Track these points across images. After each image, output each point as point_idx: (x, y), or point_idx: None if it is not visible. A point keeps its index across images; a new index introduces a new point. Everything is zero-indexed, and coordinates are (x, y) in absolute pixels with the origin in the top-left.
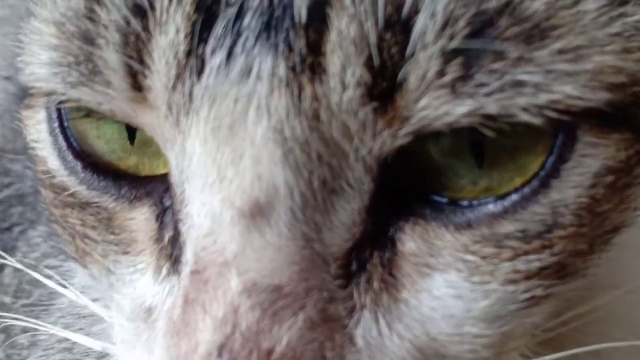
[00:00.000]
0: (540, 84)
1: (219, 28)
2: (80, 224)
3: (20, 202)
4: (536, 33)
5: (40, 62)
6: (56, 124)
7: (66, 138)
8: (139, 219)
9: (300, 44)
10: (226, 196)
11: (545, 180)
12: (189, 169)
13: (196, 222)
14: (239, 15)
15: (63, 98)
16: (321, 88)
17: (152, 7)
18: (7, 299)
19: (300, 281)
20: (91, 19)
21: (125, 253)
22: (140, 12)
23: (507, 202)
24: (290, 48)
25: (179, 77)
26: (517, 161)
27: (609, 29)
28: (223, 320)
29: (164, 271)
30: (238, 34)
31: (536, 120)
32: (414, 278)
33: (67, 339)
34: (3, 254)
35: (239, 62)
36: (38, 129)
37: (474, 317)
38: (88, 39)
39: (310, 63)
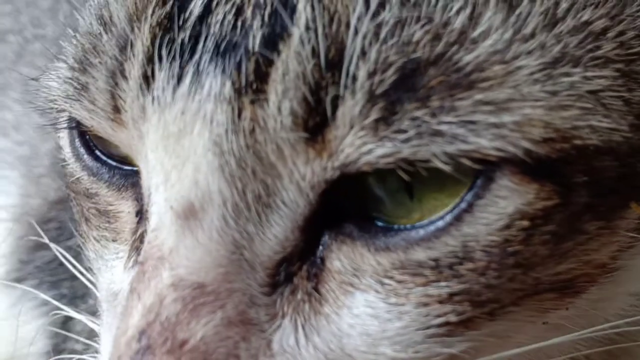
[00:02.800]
0: (457, 135)
1: (174, 49)
2: (87, 209)
3: None
4: (463, 84)
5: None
6: (73, 124)
7: (81, 135)
8: (125, 212)
9: (249, 69)
10: (167, 198)
11: (459, 214)
12: (150, 173)
13: (150, 219)
14: (197, 38)
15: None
16: (261, 111)
17: (132, 45)
18: (79, 346)
19: (224, 282)
20: (89, 62)
21: (114, 241)
22: (121, 50)
23: (422, 231)
24: (239, 71)
25: (138, 92)
26: (445, 193)
27: (544, 86)
28: (149, 309)
29: (131, 262)
30: (191, 55)
31: (448, 168)
32: (337, 294)
33: None
34: (62, 306)
35: (187, 78)
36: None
37: (389, 338)
38: (86, 72)
39: (255, 88)
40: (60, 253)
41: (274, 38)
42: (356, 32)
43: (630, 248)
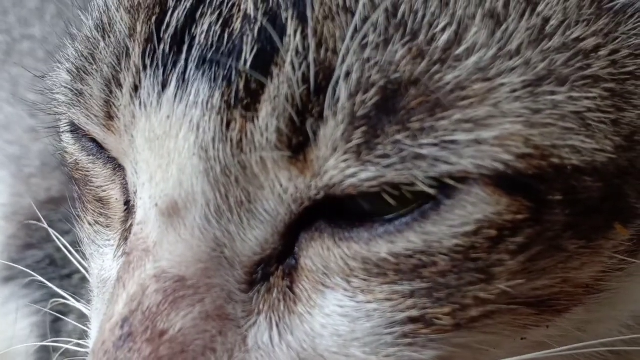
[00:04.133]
0: (438, 157)
1: (157, 58)
2: (84, 195)
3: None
4: (444, 103)
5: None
6: (73, 127)
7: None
8: (114, 198)
9: (240, 85)
10: (152, 195)
11: (426, 211)
12: (137, 171)
13: (137, 212)
14: (180, 47)
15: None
16: (251, 125)
17: (127, 54)
18: (71, 347)
19: (203, 277)
20: (85, 70)
21: (107, 227)
22: (117, 59)
23: (387, 224)
24: (229, 84)
25: (129, 100)
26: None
27: (526, 103)
28: (133, 298)
29: (120, 251)
30: (175, 63)
31: (433, 192)
32: (310, 294)
33: None
34: (66, 295)
35: (172, 85)
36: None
37: (359, 339)
38: (83, 80)
39: (246, 104)
40: (55, 235)
41: (266, 58)
42: (343, 56)
43: (620, 270)
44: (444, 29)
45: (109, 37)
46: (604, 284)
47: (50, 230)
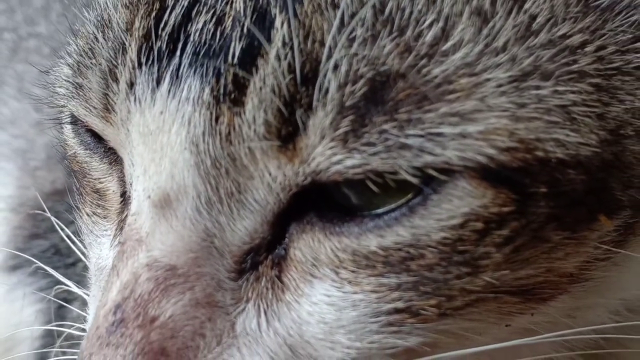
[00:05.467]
0: (424, 148)
1: (152, 55)
2: (83, 186)
3: None
4: (431, 96)
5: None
6: (73, 119)
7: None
8: (111, 190)
9: (228, 79)
10: (146, 188)
11: (414, 206)
12: (132, 165)
13: (131, 203)
14: (175, 45)
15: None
16: (238, 118)
17: (124, 49)
18: (74, 331)
19: (194, 266)
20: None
21: (104, 218)
22: (115, 54)
23: (377, 218)
24: (217, 79)
25: (125, 95)
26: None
27: (511, 97)
28: (125, 285)
29: (116, 241)
30: (169, 60)
31: (416, 181)
32: (298, 283)
33: None
34: (70, 283)
35: (166, 81)
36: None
37: (344, 327)
38: (82, 74)
39: (233, 98)
40: (59, 225)
41: (253, 52)
42: (330, 48)
43: (605, 260)
44: (430, 25)
45: (108, 32)
46: (588, 273)
47: (54, 220)
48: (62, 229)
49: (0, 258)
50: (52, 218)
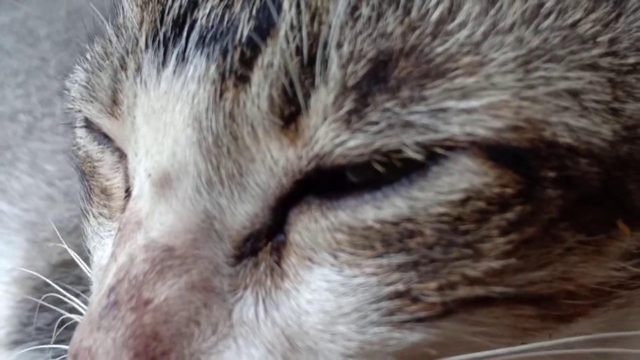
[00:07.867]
0: (427, 125)
1: (158, 39)
2: (92, 188)
3: None
4: (434, 74)
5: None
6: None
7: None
8: (115, 186)
9: (235, 56)
10: (147, 167)
11: (413, 177)
12: (136, 151)
13: (133, 190)
14: (181, 29)
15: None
16: (242, 95)
17: (136, 43)
18: None
19: (191, 248)
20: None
21: (110, 218)
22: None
23: (374, 189)
24: (224, 56)
25: (132, 81)
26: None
27: (518, 76)
28: (121, 267)
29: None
30: (175, 44)
31: (421, 157)
32: (297, 269)
33: None
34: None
35: (171, 63)
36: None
37: (345, 315)
38: (96, 74)
39: (240, 74)
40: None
41: (262, 31)
42: (334, 27)
43: (634, 289)
44: (437, 5)
45: (123, 32)
46: (613, 295)
47: (61, 291)
48: (71, 299)
49: (2, 333)
50: (58, 288)
